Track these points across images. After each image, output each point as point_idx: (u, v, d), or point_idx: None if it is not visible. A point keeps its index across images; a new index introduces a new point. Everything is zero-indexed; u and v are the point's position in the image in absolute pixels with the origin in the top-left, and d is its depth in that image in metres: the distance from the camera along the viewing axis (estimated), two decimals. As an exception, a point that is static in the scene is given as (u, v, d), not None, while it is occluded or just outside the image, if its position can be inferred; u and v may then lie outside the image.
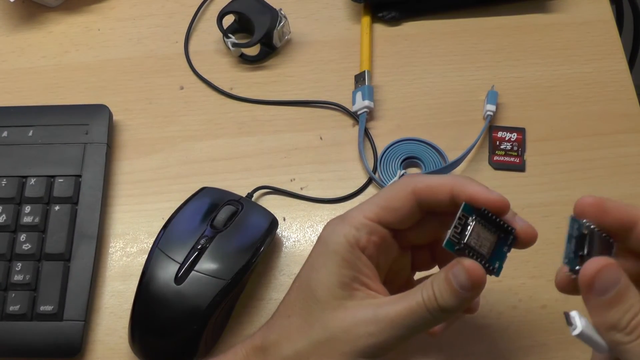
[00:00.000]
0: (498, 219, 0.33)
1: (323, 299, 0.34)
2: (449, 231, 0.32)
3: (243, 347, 0.36)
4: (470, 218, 0.33)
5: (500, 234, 0.33)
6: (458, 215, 0.33)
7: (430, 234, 0.38)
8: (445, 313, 0.33)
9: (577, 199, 0.50)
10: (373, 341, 0.33)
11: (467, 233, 0.32)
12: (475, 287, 0.32)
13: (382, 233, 0.36)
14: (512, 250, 0.34)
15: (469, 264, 0.32)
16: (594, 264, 0.30)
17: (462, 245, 0.32)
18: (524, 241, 0.34)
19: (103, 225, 0.50)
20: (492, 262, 0.33)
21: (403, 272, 0.39)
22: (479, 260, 0.32)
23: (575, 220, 0.32)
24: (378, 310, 0.33)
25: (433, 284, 0.33)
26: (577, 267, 0.31)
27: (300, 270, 0.36)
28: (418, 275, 0.41)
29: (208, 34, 0.59)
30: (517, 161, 0.52)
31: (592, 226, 0.32)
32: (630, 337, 0.29)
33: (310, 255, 0.36)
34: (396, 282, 0.39)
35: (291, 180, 0.52)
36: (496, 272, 0.33)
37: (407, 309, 0.33)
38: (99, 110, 0.52)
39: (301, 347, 0.34)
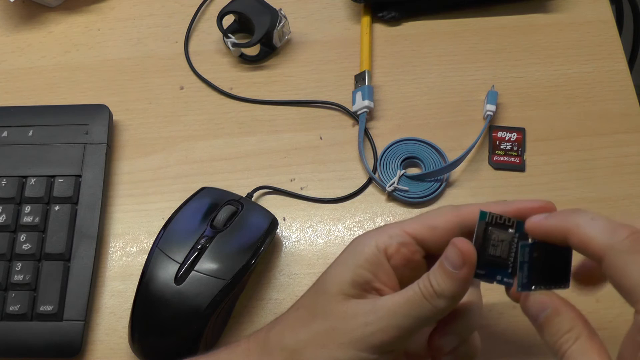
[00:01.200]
0: (516, 248, 0.33)
1: (331, 293, 0.34)
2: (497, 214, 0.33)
3: (247, 341, 0.37)
4: (513, 232, 0.33)
5: (510, 263, 0.33)
6: (511, 218, 0.33)
7: None
8: (443, 299, 0.32)
9: (576, 198, 0.50)
10: (370, 330, 0.33)
11: (499, 230, 0.33)
12: (466, 262, 0.32)
13: (414, 249, 0.35)
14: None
15: (459, 241, 0.32)
16: (523, 294, 0.32)
17: (492, 226, 0.33)
18: (512, 297, 0.34)
19: (103, 225, 0.50)
20: (486, 267, 0.33)
21: None
22: (479, 251, 0.33)
23: (524, 245, 0.32)
24: (377, 301, 0.33)
25: (429, 273, 0.33)
26: (533, 287, 0.32)
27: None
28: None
29: (208, 34, 0.59)
30: (517, 161, 0.52)
31: (537, 243, 0.32)
32: (556, 358, 0.30)
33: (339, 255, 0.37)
34: None
35: (291, 180, 0.52)
36: (481, 276, 0.33)
37: (405, 298, 0.33)
38: (99, 110, 0.52)
39: (302, 337, 0.34)
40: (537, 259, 0.32)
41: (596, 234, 0.29)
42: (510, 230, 0.33)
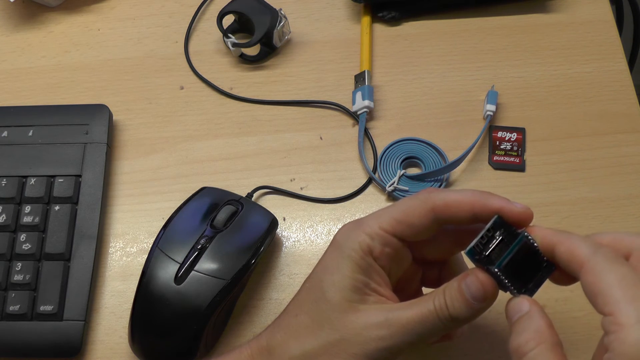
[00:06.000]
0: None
1: (334, 301, 0.34)
2: (475, 239, 0.32)
3: (248, 347, 0.36)
4: (498, 232, 0.33)
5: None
6: (487, 226, 0.33)
7: (444, 250, 0.38)
8: (456, 322, 0.33)
9: (576, 198, 0.50)
10: (383, 345, 0.33)
11: (491, 246, 0.32)
12: (487, 298, 0.32)
13: (396, 245, 0.36)
14: None
15: (483, 276, 0.32)
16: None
17: (483, 256, 0.32)
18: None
19: (103, 225, 0.50)
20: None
21: (413, 282, 0.40)
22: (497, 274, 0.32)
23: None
24: (390, 315, 0.33)
25: (445, 293, 0.33)
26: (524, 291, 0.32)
27: (312, 272, 0.37)
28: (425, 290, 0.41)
29: (208, 34, 0.59)
30: (517, 161, 0.52)
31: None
32: None
33: (323, 257, 0.36)
34: (406, 291, 0.39)
35: (291, 180, 0.52)
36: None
37: (419, 315, 0.33)
38: (99, 110, 0.52)
39: (310, 347, 0.34)
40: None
41: (584, 245, 0.31)
42: (495, 237, 0.33)
